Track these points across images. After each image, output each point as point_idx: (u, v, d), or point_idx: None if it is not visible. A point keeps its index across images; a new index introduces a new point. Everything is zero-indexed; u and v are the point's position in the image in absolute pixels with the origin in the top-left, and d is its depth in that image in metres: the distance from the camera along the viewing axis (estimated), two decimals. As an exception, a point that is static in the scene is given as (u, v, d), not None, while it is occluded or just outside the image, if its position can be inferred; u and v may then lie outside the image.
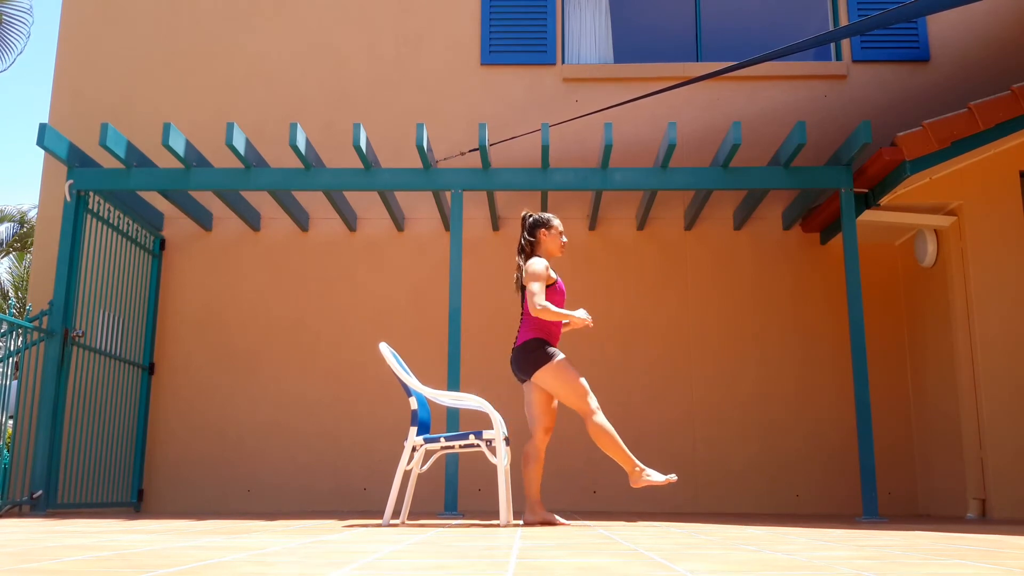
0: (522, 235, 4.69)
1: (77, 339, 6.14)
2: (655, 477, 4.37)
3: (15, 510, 6.01)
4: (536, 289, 4.41)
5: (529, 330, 4.52)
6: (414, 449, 4.48)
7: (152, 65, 7.81)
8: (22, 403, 6.00)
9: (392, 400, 7.06)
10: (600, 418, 4.38)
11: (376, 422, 7.08)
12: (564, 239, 4.71)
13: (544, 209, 7.07)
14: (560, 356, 4.43)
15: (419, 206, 7.45)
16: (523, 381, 4.53)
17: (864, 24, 5.69)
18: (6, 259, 18.14)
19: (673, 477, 4.38)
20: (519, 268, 4.61)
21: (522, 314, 4.58)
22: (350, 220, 7.28)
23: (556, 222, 4.70)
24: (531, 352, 4.46)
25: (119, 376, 6.73)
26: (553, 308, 4.39)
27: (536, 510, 4.49)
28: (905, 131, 6.05)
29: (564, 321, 4.50)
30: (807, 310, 7.24)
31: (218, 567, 2.04)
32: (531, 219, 4.72)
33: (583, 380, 4.41)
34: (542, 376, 4.43)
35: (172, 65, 7.81)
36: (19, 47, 14.54)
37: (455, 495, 5.74)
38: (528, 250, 4.65)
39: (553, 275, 4.52)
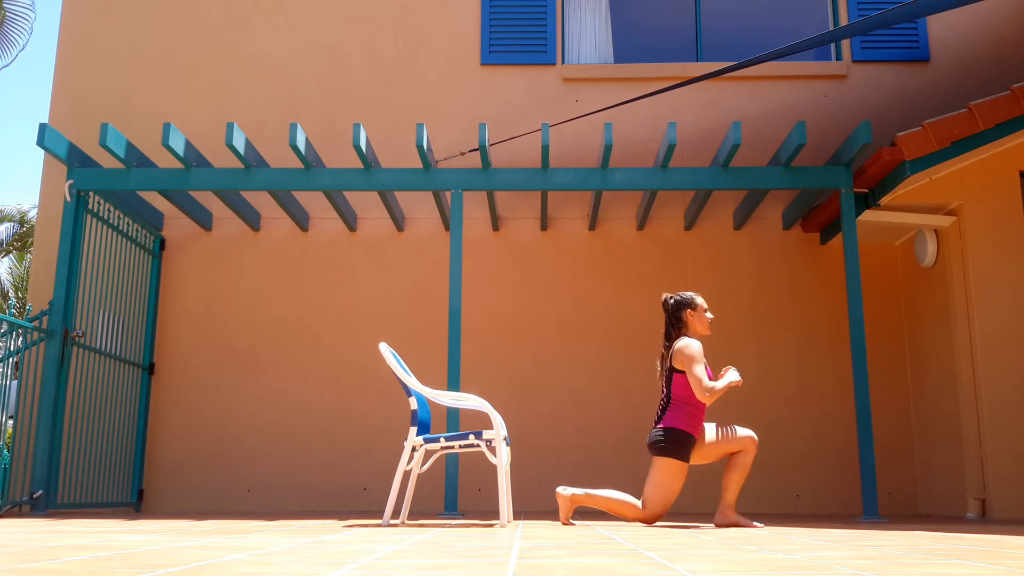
0: (667, 319, 4.67)
1: (77, 339, 6.14)
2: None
3: (15, 510, 6.01)
4: (701, 373, 4.40)
5: (679, 417, 4.48)
6: (414, 449, 4.48)
7: (152, 65, 7.81)
8: (22, 403, 6.00)
9: (392, 400, 7.06)
10: (635, 519, 4.51)
11: (376, 422, 7.08)
12: (710, 315, 4.67)
13: (544, 209, 7.07)
14: (686, 463, 4.45)
15: (419, 206, 7.46)
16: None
17: (864, 24, 5.69)
18: (6, 259, 18.14)
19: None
20: (664, 352, 4.62)
21: (668, 396, 4.54)
22: (350, 220, 7.28)
23: (700, 300, 4.67)
24: (676, 443, 4.44)
25: (119, 376, 6.73)
26: (718, 386, 4.39)
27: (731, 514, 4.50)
28: (905, 131, 6.05)
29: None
30: (807, 310, 7.24)
31: (218, 567, 2.04)
32: (673, 301, 4.68)
33: (674, 496, 4.46)
34: (663, 464, 4.45)
35: (172, 65, 7.81)
36: (21, 43, 14.55)
37: (455, 495, 5.74)
38: (675, 333, 4.63)
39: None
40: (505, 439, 4.39)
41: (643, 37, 8.17)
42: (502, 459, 4.29)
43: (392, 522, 4.64)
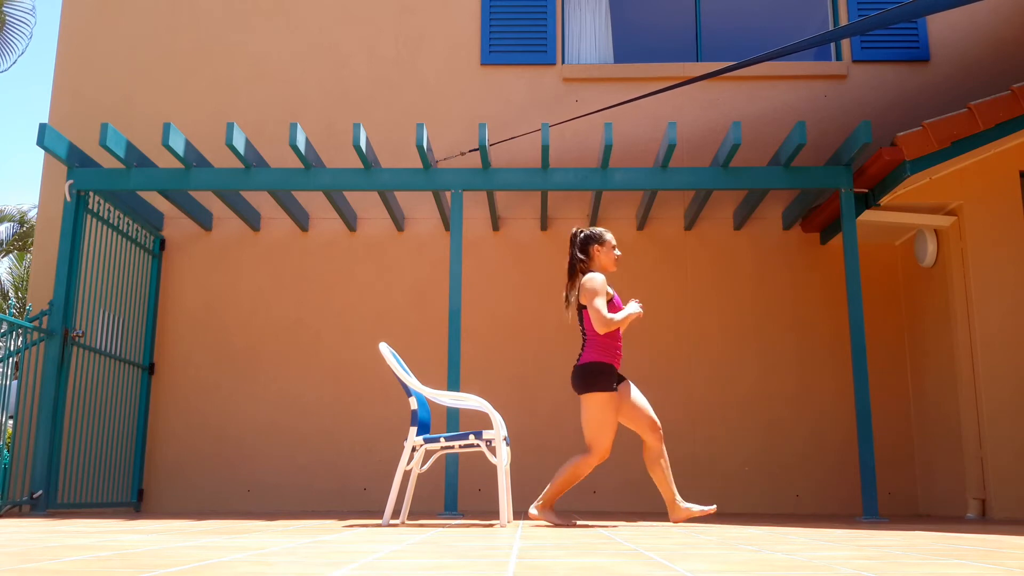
0: (572, 252, 4.60)
1: (77, 339, 6.14)
2: (553, 519, 4.48)
3: (15, 510, 6.01)
4: (600, 305, 4.37)
5: (594, 351, 4.46)
6: (414, 449, 4.48)
7: (152, 65, 7.81)
8: (22, 403, 6.00)
9: (392, 400, 7.06)
10: (590, 466, 4.46)
11: (376, 422, 7.08)
12: (617, 252, 4.63)
13: (544, 209, 7.07)
14: (612, 392, 4.42)
15: (419, 206, 7.45)
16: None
17: (864, 24, 5.69)
18: (6, 259, 18.14)
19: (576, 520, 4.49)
20: (571, 287, 4.55)
21: (583, 332, 4.53)
22: (350, 220, 7.28)
23: (609, 236, 4.62)
24: (594, 376, 4.42)
25: (119, 376, 6.73)
26: (616, 318, 4.37)
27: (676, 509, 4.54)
28: (905, 131, 6.05)
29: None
30: (807, 310, 7.24)
31: (218, 567, 2.04)
32: (582, 235, 4.62)
33: (613, 428, 4.43)
34: (589, 400, 4.43)
35: (172, 65, 7.81)
36: (21, 47, 14.56)
37: (455, 495, 5.74)
38: (581, 268, 4.57)
39: (610, 290, 4.48)
40: (505, 439, 4.39)
41: (643, 37, 8.17)
42: (502, 459, 4.29)
43: (392, 522, 4.64)
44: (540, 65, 7.70)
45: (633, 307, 4.42)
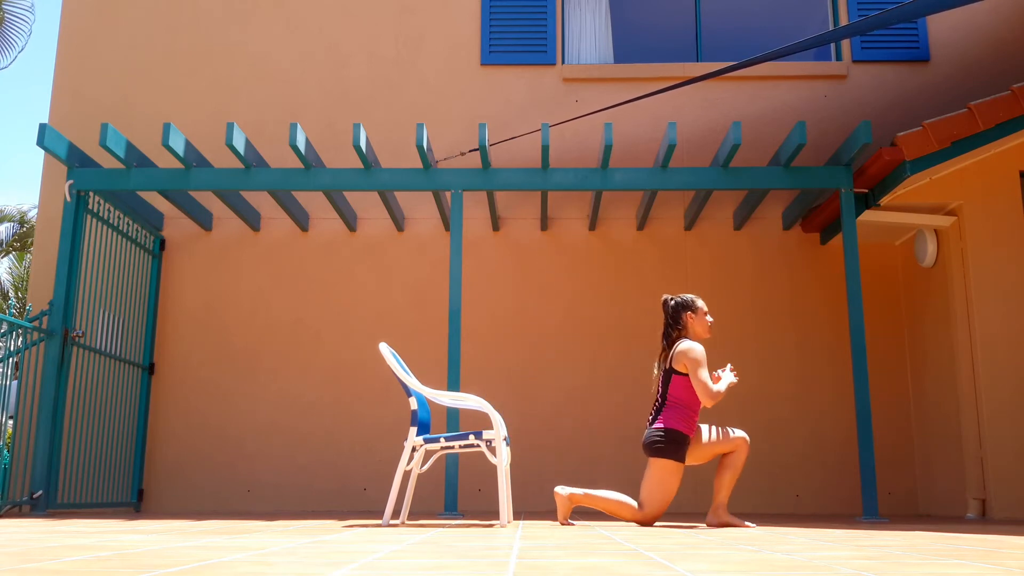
0: (666, 320, 4.66)
1: (77, 339, 6.14)
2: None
3: (15, 510, 6.01)
4: (705, 377, 4.41)
5: (676, 419, 4.48)
6: (414, 449, 4.48)
7: (152, 65, 7.81)
8: (22, 403, 6.00)
9: (392, 400, 7.06)
10: (632, 519, 4.49)
11: (376, 422, 7.08)
12: (710, 319, 4.67)
13: (544, 210, 7.06)
14: (682, 464, 4.45)
15: (419, 206, 7.45)
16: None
17: (864, 24, 5.69)
18: (6, 259, 18.14)
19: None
20: (664, 355, 4.62)
21: (663, 397, 4.54)
22: (350, 220, 7.28)
23: (700, 303, 4.66)
24: (673, 444, 4.44)
25: (119, 376, 6.73)
26: (721, 389, 4.41)
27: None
28: (905, 131, 6.04)
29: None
30: (807, 310, 7.24)
31: (218, 567, 2.04)
32: (673, 303, 4.67)
33: (671, 496, 4.45)
34: (661, 465, 4.45)
35: (172, 65, 7.81)
36: (20, 45, 14.55)
37: (455, 495, 5.74)
38: (674, 335, 4.62)
39: None
40: (505, 439, 4.39)
41: (643, 37, 8.17)
42: (502, 459, 4.29)
43: (392, 522, 4.64)
44: (540, 65, 7.70)
45: (730, 376, 4.47)
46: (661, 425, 4.49)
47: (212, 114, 7.59)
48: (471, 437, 4.36)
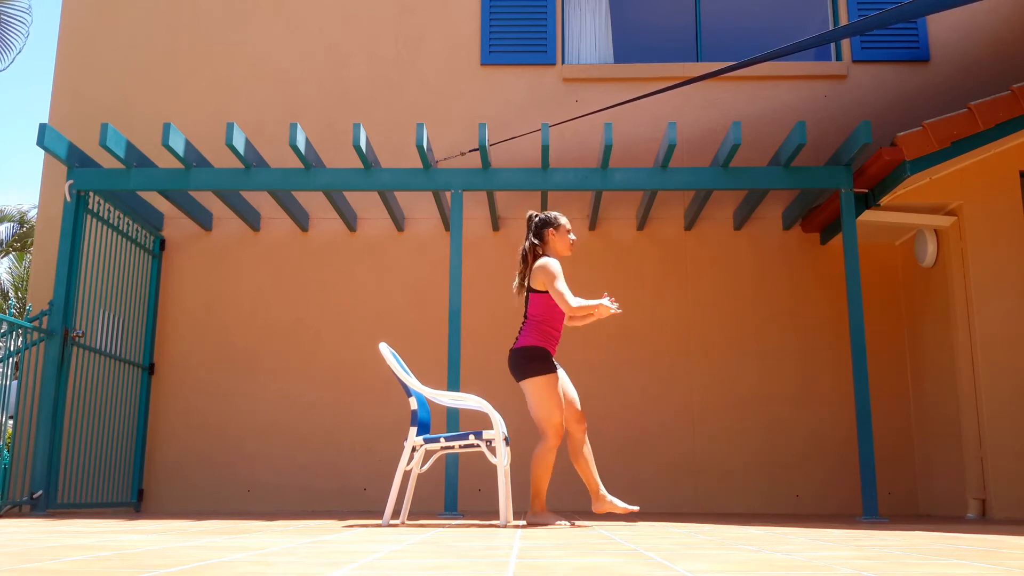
0: (528, 236, 4.61)
1: (77, 339, 6.14)
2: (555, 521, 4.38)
3: (15, 510, 6.01)
4: (563, 288, 4.36)
5: (531, 335, 4.46)
6: (414, 449, 4.48)
7: (152, 65, 7.81)
8: (22, 403, 6.00)
9: (392, 400, 7.05)
10: (551, 450, 4.38)
11: (376, 422, 7.08)
12: (572, 237, 4.64)
13: (545, 209, 7.06)
14: (552, 373, 4.40)
15: (419, 206, 7.45)
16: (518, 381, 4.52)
17: (864, 24, 5.69)
18: (6, 259, 18.14)
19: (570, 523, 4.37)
20: (523, 270, 4.55)
21: (525, 316, 4.53)
22: (350, 220, 7.28)
23: (564, 220, 4.62)
24: (530, 360, 4.41)
25: (119, 376, 6.73)
26: (585, 304, 4.35)
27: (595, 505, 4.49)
28: (905, 131, 6.05)
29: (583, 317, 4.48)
30: (807, 310, 7.24)
31: (218, 567, 2.04)
32: (537, 219, 4.63)
33: (559, 406, 4.38)
34: (530, 386, 4.41)
35: (172, 65, 7.81)
36: (18, 46, 14.54)
37: (455, 495, 5.74)
38: (535, 252, 4.56)
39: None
40: (505, 439, 4.39)
41: (643, 37, 8.17)
42: (502, 459, 4.29)
43: (392, 522, 4.64)
44: (540, 65, 7.70)
45: (605, 302, 4.38)
46: (517, 346, 4.45)
47: (212, 114, 7.59)
48: (471, 437, 4.36)
